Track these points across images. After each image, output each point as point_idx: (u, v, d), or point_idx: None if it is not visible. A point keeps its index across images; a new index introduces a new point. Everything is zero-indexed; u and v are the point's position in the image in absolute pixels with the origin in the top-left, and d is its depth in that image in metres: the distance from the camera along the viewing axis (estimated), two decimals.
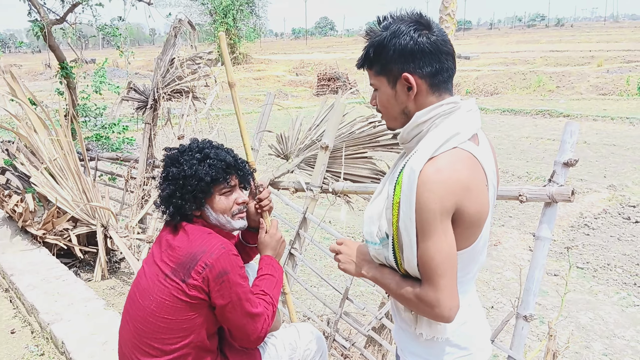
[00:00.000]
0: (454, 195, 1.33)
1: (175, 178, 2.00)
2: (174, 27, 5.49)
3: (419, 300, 1.41)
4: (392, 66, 1.43)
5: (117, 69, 33.97)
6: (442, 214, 1.33)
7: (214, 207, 2.04)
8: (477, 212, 1.39)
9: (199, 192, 1.99)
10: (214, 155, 2.04)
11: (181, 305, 1.90)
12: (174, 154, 2.09)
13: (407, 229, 1.37)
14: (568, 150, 2.42)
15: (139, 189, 5.36)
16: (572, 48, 35.46)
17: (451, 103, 1.43)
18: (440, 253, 1.35)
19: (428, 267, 1.37)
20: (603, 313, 4.81)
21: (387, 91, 1.47)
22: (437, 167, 1.34)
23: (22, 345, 3.60)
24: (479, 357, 1.59)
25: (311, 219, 3.58)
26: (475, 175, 1.39)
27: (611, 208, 7.68)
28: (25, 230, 5.01)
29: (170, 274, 1.91)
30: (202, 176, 1.98)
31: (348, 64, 30.13)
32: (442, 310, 1.37)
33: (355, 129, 3.68)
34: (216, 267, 1.87)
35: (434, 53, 1.40)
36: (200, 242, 1.93)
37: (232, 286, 1.90)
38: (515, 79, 23.62)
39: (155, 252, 2.03)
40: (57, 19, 6.78)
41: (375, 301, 4.86)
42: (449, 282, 1.37)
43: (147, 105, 5.45)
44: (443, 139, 1.38)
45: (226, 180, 2.05)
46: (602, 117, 15.47)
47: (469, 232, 1.42)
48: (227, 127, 6.13)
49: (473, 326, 1.58)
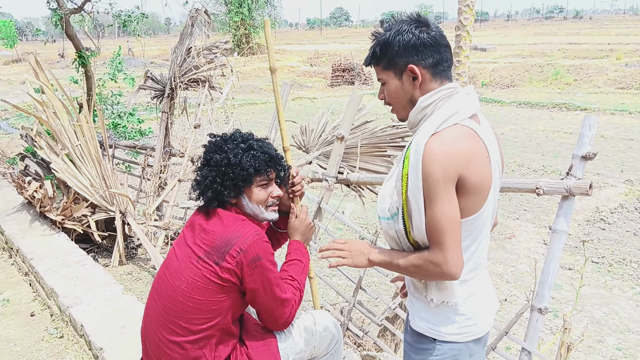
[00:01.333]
0: (455, 164, 1.49)
1: (219, 164, 2.05)
2: (190, 16, 5.52)
3: (427, 262, 1.56)
4: (397, 60, 1.61)
5: (132, 57, 34.13)
6: (446, 181, 1.49)
7: (251, 197, 2.09)
8: (479, 179, 1.54)
9: (241, 180, 2.03)
10: (257, 147, 2.09)
11: (213, 287, 1.95)
12: (218, 140, 2.13)
13: (415, 197, 1.54)
14: (586, 144, 2.42)
15: (155, 177, 5.41)
16: (590, 41, 34.94)
17: (450, 88, 1.61)
18: (445, 216, 1.51)
19: (435, 230, 1.53)
20: (617, 308, 4.79)
21: (395, 83, 1.65)
22: (441, 140, 1.52)
23: (41, 327, 3.68)
24: (482, 328, 1.72)
25: (326, 209, 3.61)
26: (476, 147, 1.55)
27: (628, 203, 7.61)
28: (45, 216, 5.09)
29: (204, 257, 1.96)
30: (246, 166, 2.03)
31: (363, 54, 29.92)
32: (449, 267, 1.53)
33: (377, 128, 3.71)
34: (250, 253, 1.93)
35: (434, 46, 1.59)
36: (234, 228, 1.98)
37: (263, 271, 1.96)
38: (532, 72, 23.35)
39: (188, 235, 2.08)
40: (75, 8, 6.82)
41: (388, 291, 4.89)
42: (454, 242, 1.52)
43: (164, 94, 5.49)
44: (445, 116, 1.56)
45: (267, 173, 2.10)
46: (620, 111, 15.28)
47: (473, 200, 1.56)
48: (242, 117, 6.16)
49: (480, 300, 1.71)
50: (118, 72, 7.78)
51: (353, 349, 3.19)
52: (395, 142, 3.69)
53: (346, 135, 3.58)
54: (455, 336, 1.68)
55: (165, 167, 5.53)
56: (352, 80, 24.46)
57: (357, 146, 3.65)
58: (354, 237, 6.24)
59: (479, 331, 1.71)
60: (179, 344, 1.99)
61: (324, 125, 4.07)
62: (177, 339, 1.99)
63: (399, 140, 3.68)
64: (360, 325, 3.39)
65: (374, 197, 5.02)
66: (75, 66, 7.36)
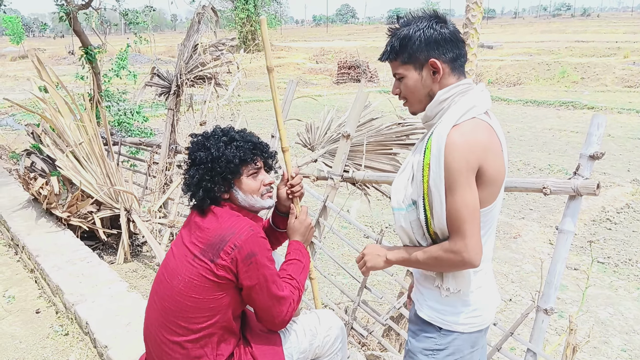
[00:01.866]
0: (476, 155, 1.55)
1: (203, 162, 2.04)
2: (197, 13, 5.52)
3: (447, 252, 1.60)
4: (418, 54, 1.65)
5: (138, 54, 34.18)
6: (468, 170, 1.55)
7: (242, 188, 2.08)
8: (496, 171, 1.60)
9: (228, 173, 2.03)
10: (239, 137, 2.09)
11: (209, 285, 1.94)
12: (200, 139, 2.12)
13: (437, 186, 1.57)
14: (594, 143, 2.39)
15: (161, 174, 5.42)
16: (597, 39, 34.73)
17: (466, 84, 1.67)
18: (466, 205, 1.56)
19: (456, 218, 1.57)
20: (623, 309, 4.77)
21: (414, 77, 1.68)
22: (461, 132, 1.57)
23: (47, 324, 3.69)
24: (486, 320, 1.76)
25: (331, 207, 3.60)
26: (493, 140, 1.62)
27: (634, 203, 7.57)
28: (50, 213, 5.11)
29: (199, 255, 1.96)
30: (231, 157, 2.02)
31: (369, 52, 29.93)
32: (470, 255, 1.57)
33: (383, 126, 3.69)
34: (245, 249, 1.92)
35: (453, 41, 1.65)
36: (229, 224, 1.97)
37: (259, 268, 1.95)
38: (538, 70, 23.23)
39: (184, 235, 2.08)
40: (82, 4, 6.85)
41: (393, 291, 4.88)
42: (474, 230, 1.57)
43: (170, 91, 5.50)
44: (463, 110, 1.61)
45: (253, 161, 2.09)
46: (627, 110, 15.18)
47: (489, 191, 1.62)
48: (248, 115, 6.17)
49: (486, 292, 1.76)
50: (122, 68, 7.80)
51: (357, 349, 3.18)
52: (401, 140, 3.67)
53: (352, 134, 3.57)
54: (461, 326, 1.72)
55: (171, 164, 5.54)
56: (358, 78, 24.39)
57: (363, 144, 3.63)
58: (359, 235, 6.23)
59: (483, 323, 1.76)
60: (180, 344, 1.99)
61: (329, 122, 4.06)
62: (177, 338, 1.99)
63: (404, 138, 3.66)
64: (364, 324, 3.38)
65: (379, 195, 5.01)
66: (82, 63, 7.38)
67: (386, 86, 22.09)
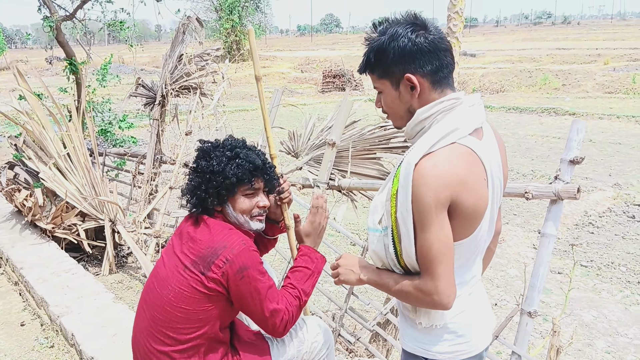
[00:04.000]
0: (448, 188, 1.38)
1: (203, 171, 2.04)
2: (182, 23, 5.53)
3: (417, 291, 1.47)
4: (393, 68, 1.47)
5: (122, 65, 34.04)
6: (437, 206, 1.38)
7: (235, 206, 2.07)
8: (473, 204, 1.43)
9: (223, 189, 2.02)
10: (243, 156, 2.06)
11: (199, 297, 1.94)
12: (207, 147, 2.12)
13: (404, 219, 1.43)
14: (574, 148, 2.45)
15: (146, 185, 5.40)
16: (578, 46, 35.30)
17: (452, 99, 1.47)
18: (437, 243, 1.40)
19: (426, 257, 1.43)
20: (606, 311, 4.83)
21: (391, 93, 1.52)
22: (434, 162, 1.39)
23: (32, 337, 3.65)
24: (476, 345, 1.61)
25: None
26: (472, 170, 1.43)
27: (616, 206, 7.68)
28: (35, 225, 5.06)
29: (190, 266, 1.95)
30: (229, 175, 2.01)
31: (353, 61, 30.08)
32: (441, 298, 1.43)
33: (365, 130, 3.72)
34: (236, 263, 1.91)
35: (432, 51, 1.45)
36: (221, 237, 1.97)
37: (251, 281, 1.94)
38: (521, 77, 23.53)
39: (176, 244, 2.07)
40: (66, 15, 6.82)
41: (380, 297, 4.90)
42: (446, 270, 1.42)
43: (155, 102, 5.49)
44: (441, 134, 1.43)
45: (251, 183, 2.07)
46: (608, 115, 15.42)
47: (466, 224, 1.46)
48: (233, 124, 6.18)
49: (472, 315, 1.61)
50: (104, 79, 7.77)
51: (345, 355, 3.20)
52: (384, 144, 3.69)
53: (337, 142, 3.60)
54: (447, 355, 1.58)
55: (156, 175, 5.52)
56: (343, 87, 24.50)
57: (348, 149, 3.66)
58: (346, 242, 6.25)
59: (473, 349, 1.61)
60: (167, 354, 1.99)
61: (311, 129, 4.08)
62: (165, 348, 1.98)
63: (386, 142, 3.68)
64: (352, 331, 3.40)
65: (365, 202, 5.04)
66: (65, 74, 7.34)
67: (371, 94, 22.23)
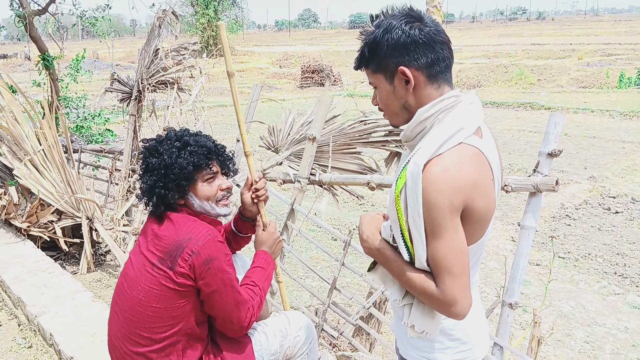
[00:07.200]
0: (462, 193, 1.31)
1: (156, 168, 1.99)
2: (158, 17, 5.45)
3: (435, 299, 1.37)
4: (387, 62, 1.41)
5: (97, 60, 33.51)
6: (452, 212, 1.31)
7: (197, 194, 2.03)
8: (485, 207, 1.38)
9: (182, 180, 1.98)
10: (193, 142, 2.03)
11: (170, 294, 1.90)
12: (152, 144, 2.07)
13: (415, 224, 1.34)
14: (552, 141, 2.47)
15: (123, 181, 5.32)
16: (553, 41, 35.85)
17: (452, 97, 1.41)
18: (453, 252, 1.32)
19: (442, 266, 1.34)
20: (584, 302, 4.92)
21: (386, 87, 1.45)
22: (444, 166, 1.31)
23: (9, 338, 3.57)
24: (478, 353, 1.56)
25: (299, 210, 3.61)
26: (482, 172, 1.37)
27: (592, 199, 7.82)
28: (9, 223, 4.95)
29: (157, 263, 1.91)
30: (184, 164, 1.97)
31: (332, 56, 30.10)
32: (458, 309, 1.34)
33: (346, 125, 3.71)
34: (202, 254, 1.88)
35: (427, 44, 1.38)
36: (185, 230, 1.93)
37: (217, 272, 1.91)
38: (497, 72, 23.83)
39: (142, 243, 2.02)
40: (39, 10, 6.68)
41: (362, 292, 4.91)
42: (464, 280, 1.34)
43: (132, 97, 5.41)
44: (447, 134, 1.36)
45: (208, 166, 2.04)
46: (583, 109, 15.69)
47: (476, 228, 1.40)
48: (212, 119, 6.14)
49: (473, 321, 1.55)
50: (77, 73, 7.63)
51: (328, 350, 3.19)
52: (364, 139, 3.68)
53: (318, 137, 3.59)
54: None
55: (134, 171, 5.45)
56: (322, 82, 24.51)
57: (329, 144, 3.65)
58: (327, 237, 6.25)
59: (476, 357, 1.55)
60: (144, 355, 1.95)
61: (291, 124, 4.06)
62: (141, 349, 1.95)
63: (366, 137, 3.68)
64: (335, 325, 3.39)
65: (346, 196, 5.04)
66: (38, 69, 7.19)
67: (350, 89, 22.25)
